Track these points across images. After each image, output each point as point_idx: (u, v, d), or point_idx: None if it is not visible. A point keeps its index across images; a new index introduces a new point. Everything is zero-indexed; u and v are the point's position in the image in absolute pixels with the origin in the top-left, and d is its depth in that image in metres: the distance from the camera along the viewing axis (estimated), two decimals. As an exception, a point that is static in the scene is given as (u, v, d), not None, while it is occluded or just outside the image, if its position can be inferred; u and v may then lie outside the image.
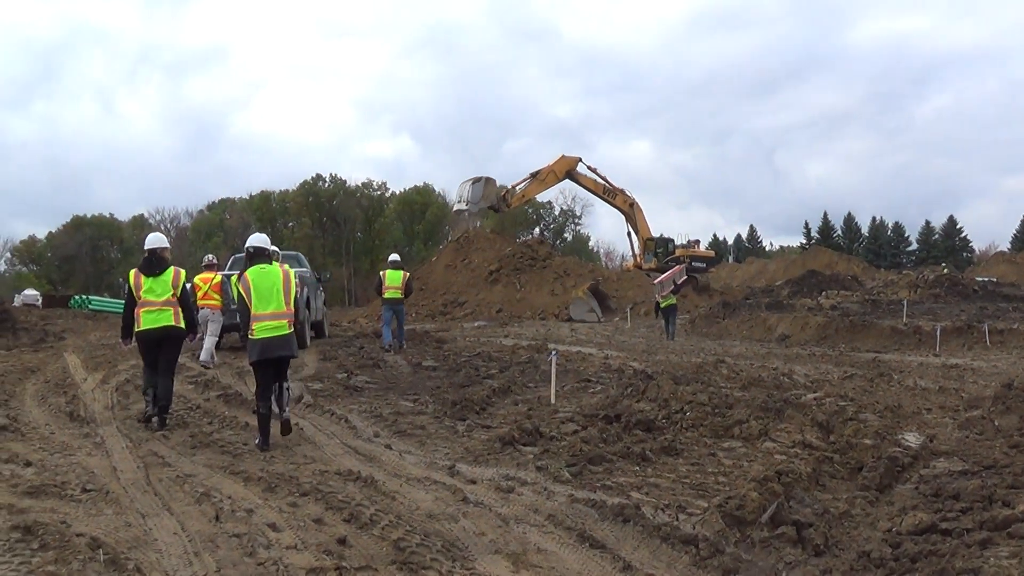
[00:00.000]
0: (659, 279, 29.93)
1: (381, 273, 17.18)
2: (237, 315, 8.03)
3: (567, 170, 43.92)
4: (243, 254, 8.16)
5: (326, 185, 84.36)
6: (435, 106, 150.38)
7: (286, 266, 8.07)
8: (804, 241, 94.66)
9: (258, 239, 8.11)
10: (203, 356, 13.25)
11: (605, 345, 19.76)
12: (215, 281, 13.98)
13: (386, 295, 16.99)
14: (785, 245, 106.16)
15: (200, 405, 9.47)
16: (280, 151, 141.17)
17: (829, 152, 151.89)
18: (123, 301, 9.02)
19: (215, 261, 14.64)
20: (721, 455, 6.90)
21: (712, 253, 53.55)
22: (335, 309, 49.18)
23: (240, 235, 79.00)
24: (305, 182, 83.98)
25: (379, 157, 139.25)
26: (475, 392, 10.02)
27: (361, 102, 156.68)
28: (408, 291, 17.01)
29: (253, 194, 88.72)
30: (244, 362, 12.34)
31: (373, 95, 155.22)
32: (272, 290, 7.69)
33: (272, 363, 7.66)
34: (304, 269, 18.16)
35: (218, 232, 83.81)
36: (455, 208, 44.53)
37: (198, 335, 10.53)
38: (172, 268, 8.72)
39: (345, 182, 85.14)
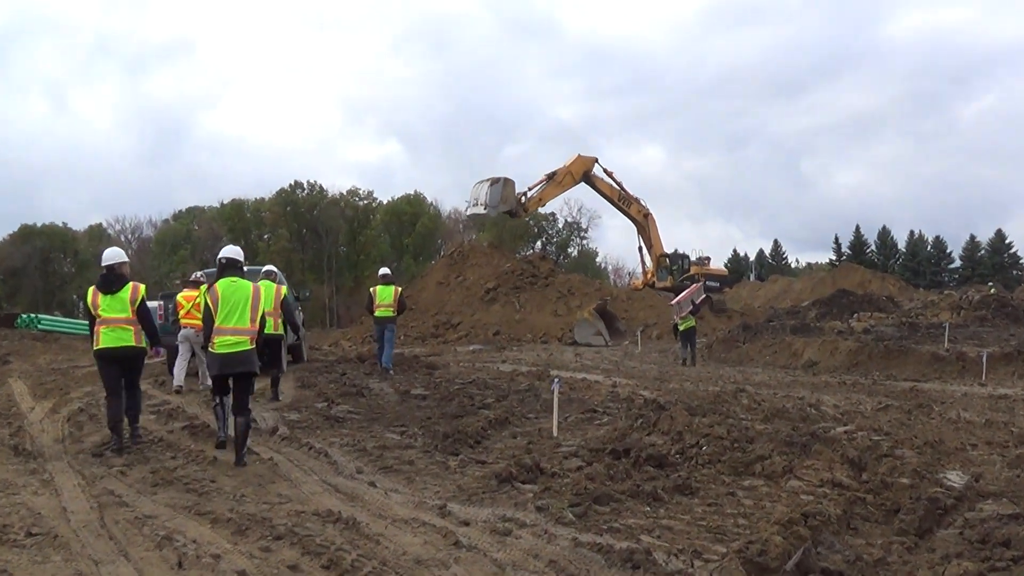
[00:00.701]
0: (676, 299, 29.99)
1: (371, 290, 17.43)
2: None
3: (584, 171, 43.93)
4: (214, 268, 8.77)
5: (305, 193, 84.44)
6: (426, 107, 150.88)
7: (266, 282, 8.47)
8: (834, 257, 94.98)
9: (231, 251, 8.75)
10: (176, 382, 13.88)
11: (613, 372, 19.72)
12: (199, 300, 14.16)
13: (377, 313, 17.22)
14: (812, 262, 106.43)
15: (163, 438, 9.45)
16: (254, 155, 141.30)
17: (861, 158, 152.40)
18: (77, 320, 9.74)
19: (203, 279, 14.75)
20: (741, 495, 6.87)
21: (725, 271, 53.59)
22: (315, 331, 49.11)
23: (210, 248, 79.01)
24: (282, 190, 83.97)
25: (364, 163, 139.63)
26: (469, 424, 9.99)
27: (344, 102, 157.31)
28: (401, 308, 17.24)
29: (224, 202, 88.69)
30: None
31: (357, 94, 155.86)
32: (240, 305, 8.35)
33: (232, 379, 8.41)
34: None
35: (185, 244, 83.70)
36: (469, 212, 44.30)
37: (161, 352, 10.67)
38: (130, 284, 9.20)
39: (327, 190, 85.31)
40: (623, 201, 45.75)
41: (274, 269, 14.73)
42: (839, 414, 11.66)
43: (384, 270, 17.90)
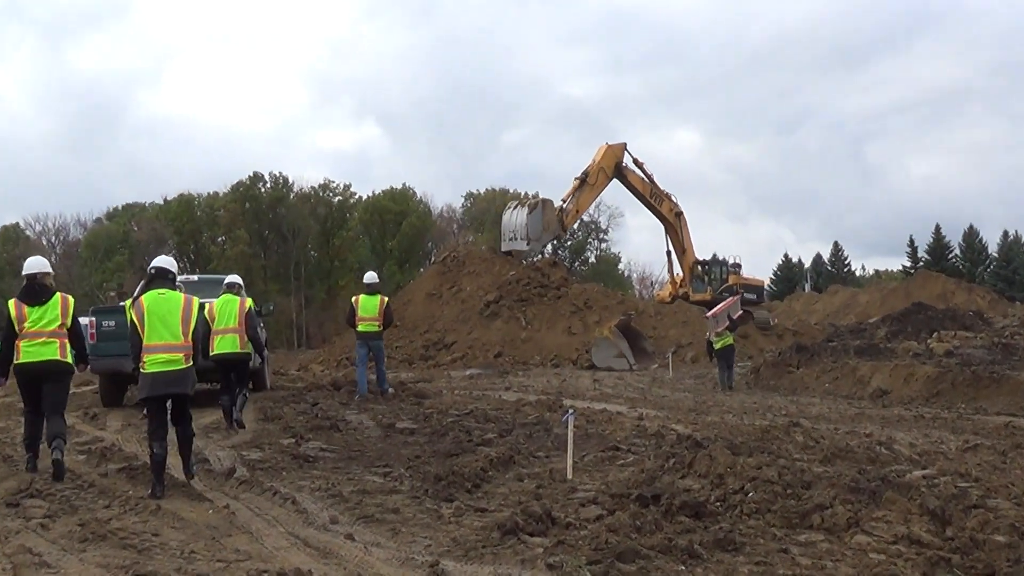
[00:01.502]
0: (711, 312, 30.03)
1: (353, 300, 17.81)
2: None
3: (615, 163, 43.92)
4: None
5: (268, 187, 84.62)
6: (410, 84, 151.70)
7: (228, 296, 9.08)
8: (908, 264, 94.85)
9: (162, 260, 9.50)
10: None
11: (639, 401, 19.68)
12: None
13: (360, 327, 17.53)
14: (882, 269, 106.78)
15: (94, 482, 9.41)
16: (204, 142, 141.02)
17: (941, 144, 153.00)
18: None
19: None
20: (796, 552, 6.83)
21: (762, 281, 53.43)
22: (279, 352, 49.19)
23: (154, 253, 78.86)
24: (240, 183, 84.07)
25: (337, 151, 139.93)
26: (466, 463, 9.97)
27: (312, 78, 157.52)
28: (387, 322, 17.62)
29: (169, 198, 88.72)
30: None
31: (327, 69, 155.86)
32: (168, 319, 8.91)
33: (164, 401, 8.98)
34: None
35: (121, 249, 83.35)
36: (507, 247, 43.71)
37: (87, 368, 11.02)
38: (59, 295, 9.78)
39: (294, 184, 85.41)
40: (654, 198, 45.75)
41: (238, 280, 14.85)
42: (916, 455, 11.61)
43: (370, 276, 18.25)
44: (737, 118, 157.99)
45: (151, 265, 9.42)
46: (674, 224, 46.56)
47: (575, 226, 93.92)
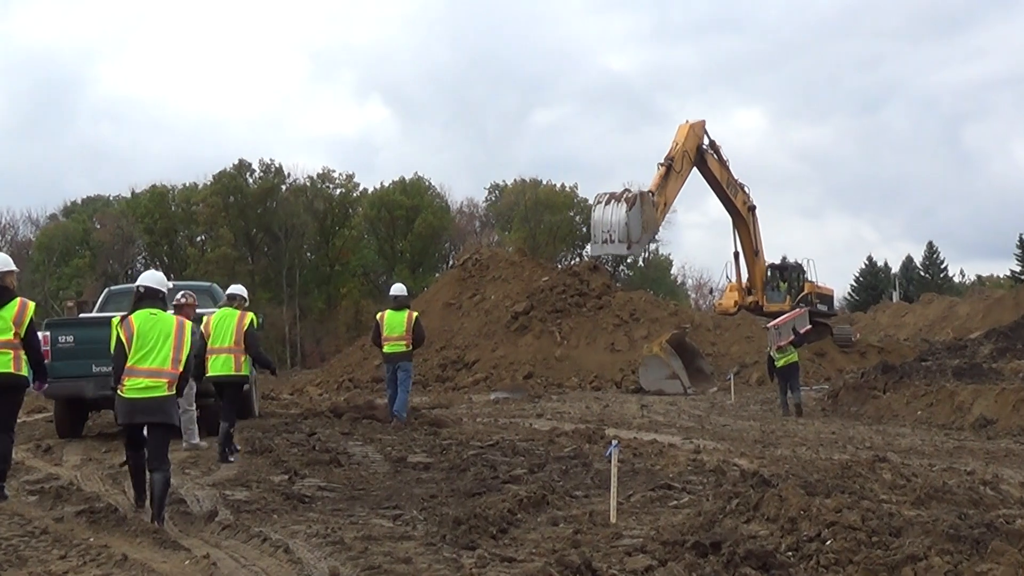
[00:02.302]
0: (774, 323, 30.00)
1: (378, 316, 18.44)
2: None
3: (697, 146, 43.66)
4: (125, 288, 9.82)
5: (256, 177, 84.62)
6: (422, 56, 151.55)
7: (227, 310, 11.62)
8: (1017, 268, 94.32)
9: (151, 278, 9.89)
10: (190, 437, 14.96)
11: (695, 431, 19.65)
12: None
13: (385, 348, 18.18)
14: (985, 274, 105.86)
15: (47, 528, 9.43)
16: (176, 125, 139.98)
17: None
18: None
19: (186, 300, 14.78)
20: (885, 610, 6.79)
21: (831, 289, 52.97)
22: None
23: (118, 255, 79.26)
24: (223, 173, 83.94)
25: (337, 135, 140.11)
26: (491, 504, 9.97)
27: (308, 51, 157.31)
28: (417, 340, 18.18)
29: (138, 191, 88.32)
30: (119, 457, 12.58)
31: (323, 37, 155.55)
32: (159, 342, 9.33)
33: (139, 429, 9.58)
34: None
35: (82, 251, 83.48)
36: (601, 251, 43.41)
37: (44, 387, 11.49)
38: (18, 300, 10.29)
39: (288, 174, 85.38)
40: (730, 188, 45.47)
41: (241, 292, 15.00)
42: (1026, 495, 11.54)
43: (398, 288, 18.79)
44: (808, 96, 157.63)
45: (138, 283, 9.82)
46: (746, 220, 46.39)
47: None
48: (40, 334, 15.49)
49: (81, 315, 20.53)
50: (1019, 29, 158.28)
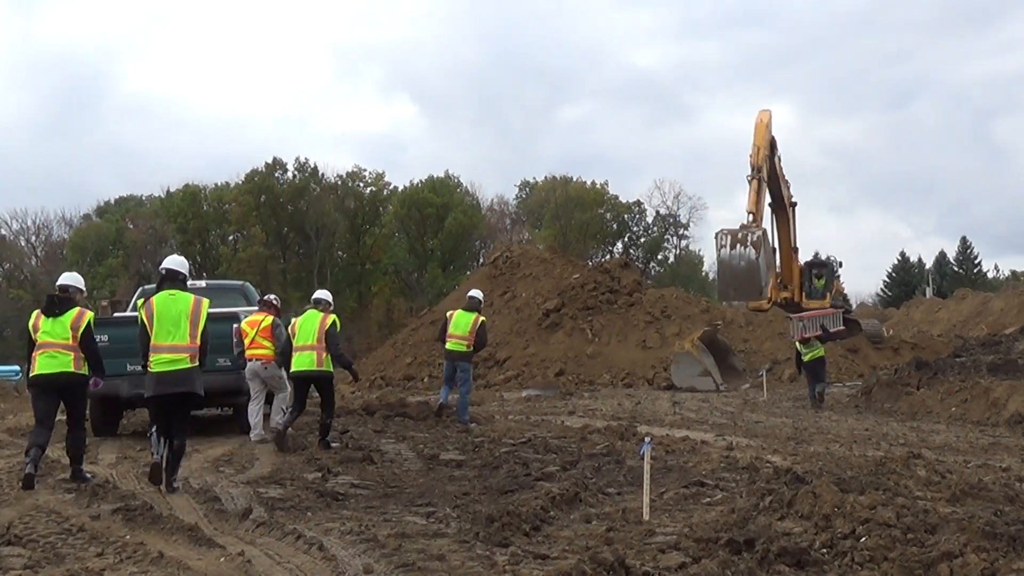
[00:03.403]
0: (798, 315, 29.84)
1: (448, 314, 19.35)
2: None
3: (771, 140, 43.09)
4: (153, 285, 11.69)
5: (289, 176, 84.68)
6: (448, 53, 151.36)
7: (313, 312, 14.26)
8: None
9: (173, 261, 11.40)
10: (254, 432, 16.20)
11: (728, 428, 19.58)
12: (264, 324, 16.39)
13: (447, 344, 18.93)
14: (1019, 270, 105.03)
15: (84, 526, 9.48)
16: (202, 123, 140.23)
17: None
18: (9, 367, 11.53)
19: (275, 301, 17.31)
20: (920, 607, 6.76)
21: (842, 286, 52.53)
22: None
23: (152, 256, 79.19)
24: (255, 172, 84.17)
25: (364, 133, 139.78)
26: (523, 501, 9.97)
27: (335, 48, 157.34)
28: (479, 343, 18.90)
29: (171, 190, 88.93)
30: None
31: (349, 35, 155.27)
32: (178, 320, 10.76)
33: (167, 401, 10.84)
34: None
35: (115, 251, 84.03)
36: (734, 299, 42.53)
37: (100, 384, 12.14)
38: (76, 309, 11.50)
39: (319, 172, 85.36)
40: (783, 180, 45.12)
41: (326, 296, 16.17)
42: (1062, 491, 11.45)
43: (475, 292, 19.78)
44: (837, 90, 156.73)
45: (162, 265, 11.39)
46: (788, 214, 46.17)
47: (650, 221, 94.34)
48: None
49: (115, 314, 20.60)
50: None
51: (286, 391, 16.63)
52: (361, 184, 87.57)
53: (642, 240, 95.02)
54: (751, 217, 40.81)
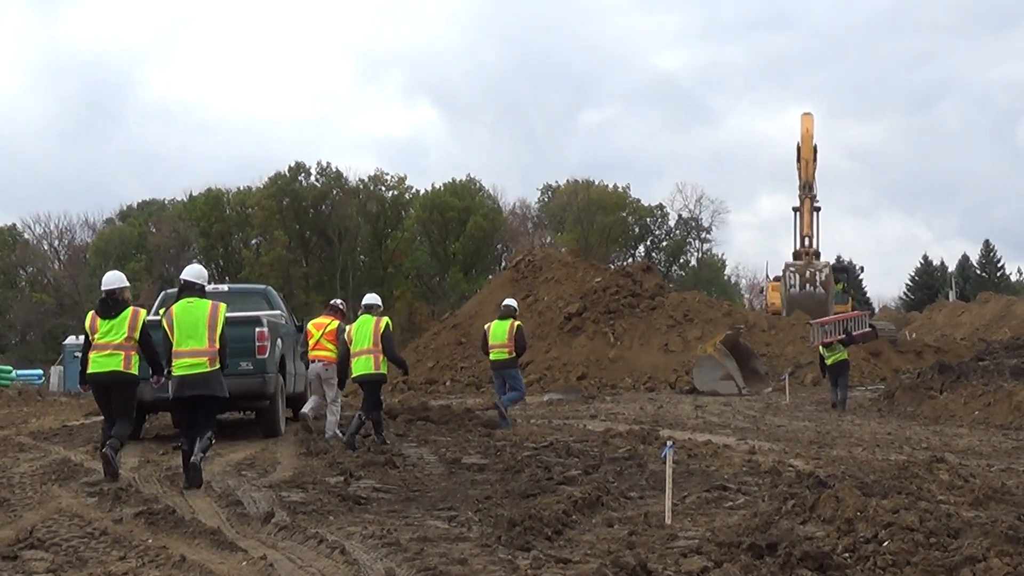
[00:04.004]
0: (818, 321, 29.79)
1: (486, 326, 19.77)
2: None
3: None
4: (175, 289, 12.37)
5: (312, 180, 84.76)
6: (469, 57, 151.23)
7: (366, 316, 15.57)
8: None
9: (191, 272, 12.05)
10: (328, 430, 16.76)
11: (750, 432, 19.55)
12: (330, 328, 17.19)
13: (491, 355, 19.34)
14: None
15: (107, 530, 9.50)
16: (224, 127, 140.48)
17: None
18: (33, 370, 12.13)
19: (342, 306, 18.54)
20: (943, 612, 6.74)
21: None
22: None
23: (175, 259, 79.41)
24: (278, 175, 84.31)
25: (385, 136, 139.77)
26: (545, 505, 9.96)
27: (356, 53, 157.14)
28: (519, 347, 19.12)
29: (194, 194, 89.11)
30: (176, 460, 12.81)
31: (370, 39, 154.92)
32: (196, 326, 11.43)
33: (190, 403, 11.57)
34: (276, 312, 18.41)
35: (138, 255, 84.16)
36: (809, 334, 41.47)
37: (162, 381, 12.64)
38: (130, 309, 12.32)
39: (341, 175, 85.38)
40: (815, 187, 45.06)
41: (376, 301, 16.89)
42: (1087, 495, 11.39)
43: (509, 300, 20.22)
44: (859, 93, 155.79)
45: (180, 276, 12.05)
46: (812, 221, 46.25)
47: (672, 224, 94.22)
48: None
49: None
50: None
51: (338, 395, 17.47)
52: (383, 188, 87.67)
53: (664, 244, 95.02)
54: (807, 242, 40.72)
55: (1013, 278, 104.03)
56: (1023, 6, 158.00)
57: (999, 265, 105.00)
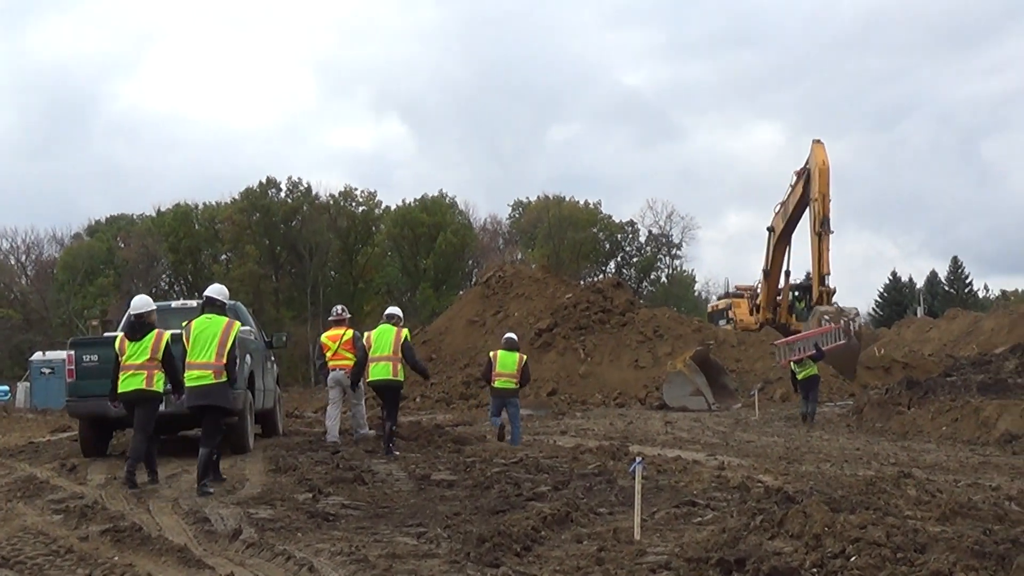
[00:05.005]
0: (783, 341, 29.96)
1: (491, 355, 20.10)
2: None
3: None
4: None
5: (282, 195, 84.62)
6: (437, 71, 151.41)
7: (386, 326, 16.96)
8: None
9: (214, 290, 13.38)
10: (330, 436, 18.01)
11: (719, 448, 19.62)
12: (346, 338, 18.79)
13: (496, 383, 19.55)
14: (1009, 289, 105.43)
15: (72, 547, 9.46)
16: (192, 142, 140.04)
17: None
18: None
19: (345, 315, 19.76)
20: (911, 627, 6.77)
21: None
22: (293, 391, 49.41)
23: (143, 273, 79.26)
24: (249, 191, 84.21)
25: (353, 151, 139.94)
26: (515, 522, 9.96)
27: (322, 67, 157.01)
28: (524, 379, 19.69)
29: (162, 209, 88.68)
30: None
31: (337, 53, 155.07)
32: (209, 341, 12.46)
33: (198, 413, 12.78)
34: (245, 328, 18.35)
35: (106, 270, 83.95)
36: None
37: (182, 397, 13.37)
38: (155, 331, 13.20)
39: (312, 191, 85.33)
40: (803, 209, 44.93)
41: (397, 312, 18.14)
42: (1052, 510, 11.46)
43: (510, 335, 20.78)
44: (826, 111, 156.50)
45: (204, 293, 13.57)
46: (787, 241, 46.56)
47: (643, 240, 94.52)
48: (66, 352, 17.93)
49: (106, 334, 20.56)
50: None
51: (362, 400, 19.25)
52: (353, 203, 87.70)
53: (635, 260, 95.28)
54: (830, 280, 40.39)
55: (980, 294, 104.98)
56: (985, 26, 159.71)
57: (967, 281, 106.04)
